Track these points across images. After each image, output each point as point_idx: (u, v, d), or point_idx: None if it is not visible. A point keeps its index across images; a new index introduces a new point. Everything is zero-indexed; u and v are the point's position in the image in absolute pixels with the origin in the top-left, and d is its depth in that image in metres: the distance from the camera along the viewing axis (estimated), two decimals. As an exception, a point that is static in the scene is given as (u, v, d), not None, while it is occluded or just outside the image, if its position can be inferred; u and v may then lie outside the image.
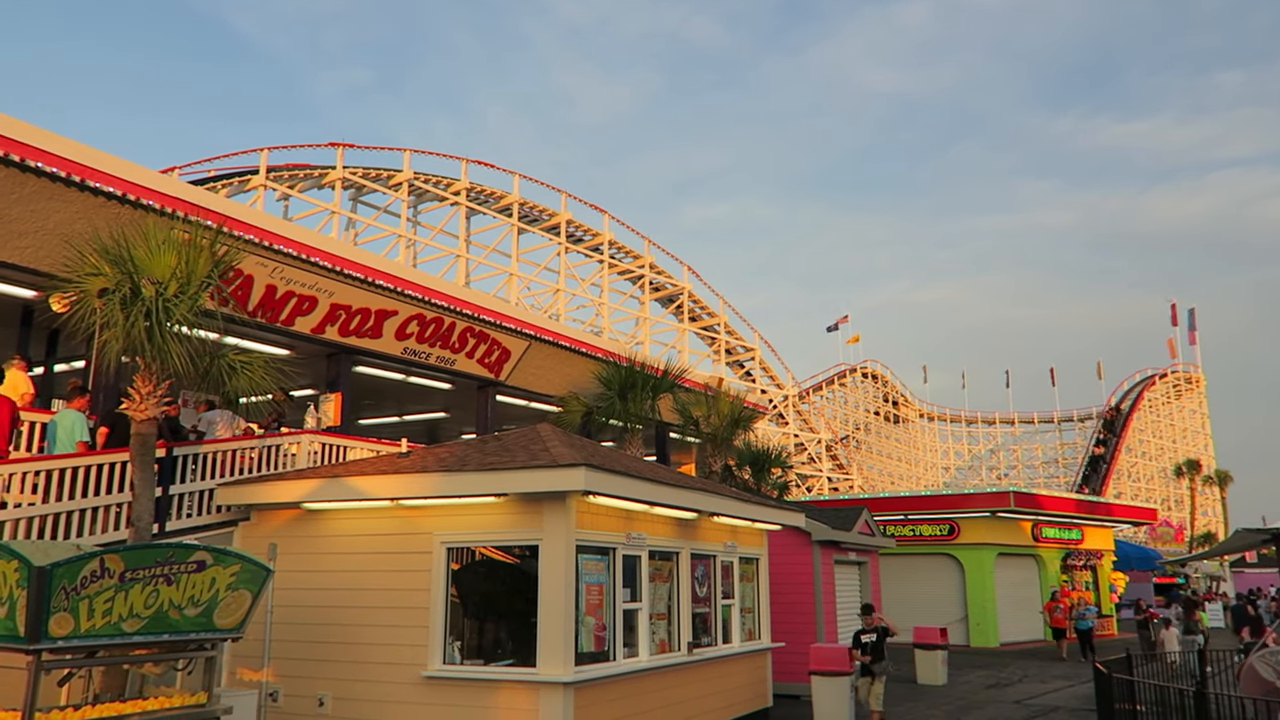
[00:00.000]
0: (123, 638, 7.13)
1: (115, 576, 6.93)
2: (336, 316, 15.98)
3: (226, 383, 10.18)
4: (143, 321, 9.08)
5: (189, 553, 7.50)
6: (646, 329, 50.72)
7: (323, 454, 13.44)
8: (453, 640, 10.20)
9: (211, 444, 12.11)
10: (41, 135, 11.45)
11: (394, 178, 40.43)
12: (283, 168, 37.43)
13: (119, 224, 10.43)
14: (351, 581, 10.71)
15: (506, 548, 10.53)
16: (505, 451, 10.80)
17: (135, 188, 12.46)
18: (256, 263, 14.04)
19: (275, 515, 11.53)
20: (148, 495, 9.41)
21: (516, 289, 43.59)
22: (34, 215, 11.53)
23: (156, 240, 9.52)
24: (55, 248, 11.52)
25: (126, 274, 9.20)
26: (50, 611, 6.53)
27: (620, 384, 19.15)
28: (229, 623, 7.87)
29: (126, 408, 9.57)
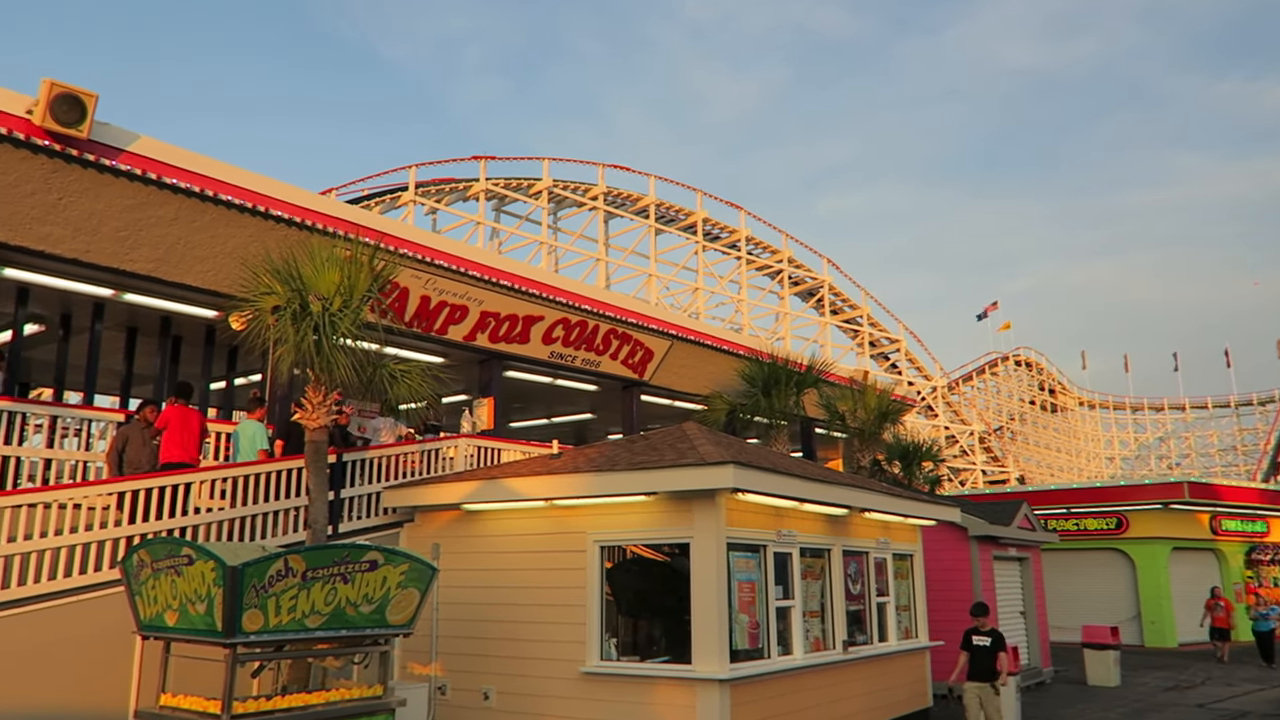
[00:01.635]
0: (306, 633, 7.61)
1: (298, 575, 7.41)
2: (486, 324, 16.54)
3: (389, 391, 10.70)
4: (311, 335, 9.63)
5: (362, 553, 7.94)
6: (787, 324, 50.19)
7: (478, 457, 13.95)
8: (609, 637, 10.39)
9: (377, 449, 12.75)
10: (220, 167, 12.34)
11: (534, 186, 41.47)
12: (429, 183, 38.95)
13: (287, 245, 11.10)
14: (510, 579, 11.08)
15: (657, 546, 10.65)
16: (653, 451, 10.93)
17: (301, 210, 13.26)
18: (411, 275, 14.70)
19: (437, 516, 12.05)
20: (322, 499, 10.00)
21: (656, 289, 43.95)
22: (213, 241, 12.44)
23: (321, 258, 10.09)
24: (232, 270, 12.38)
25: (296, 291, 9.79)
26: (243, 608, 7.04)
27: (763, 380, 19.05)
28: (400, 619, 8.28)
29: (299, 417, 10.20)
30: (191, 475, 10.53)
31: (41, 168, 10.64)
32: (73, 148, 10.73)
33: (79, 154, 10.81)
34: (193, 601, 7.30)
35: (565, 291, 17.90)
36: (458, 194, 40.22)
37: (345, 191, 36.54)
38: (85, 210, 11.14)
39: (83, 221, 11.19)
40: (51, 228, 10.97)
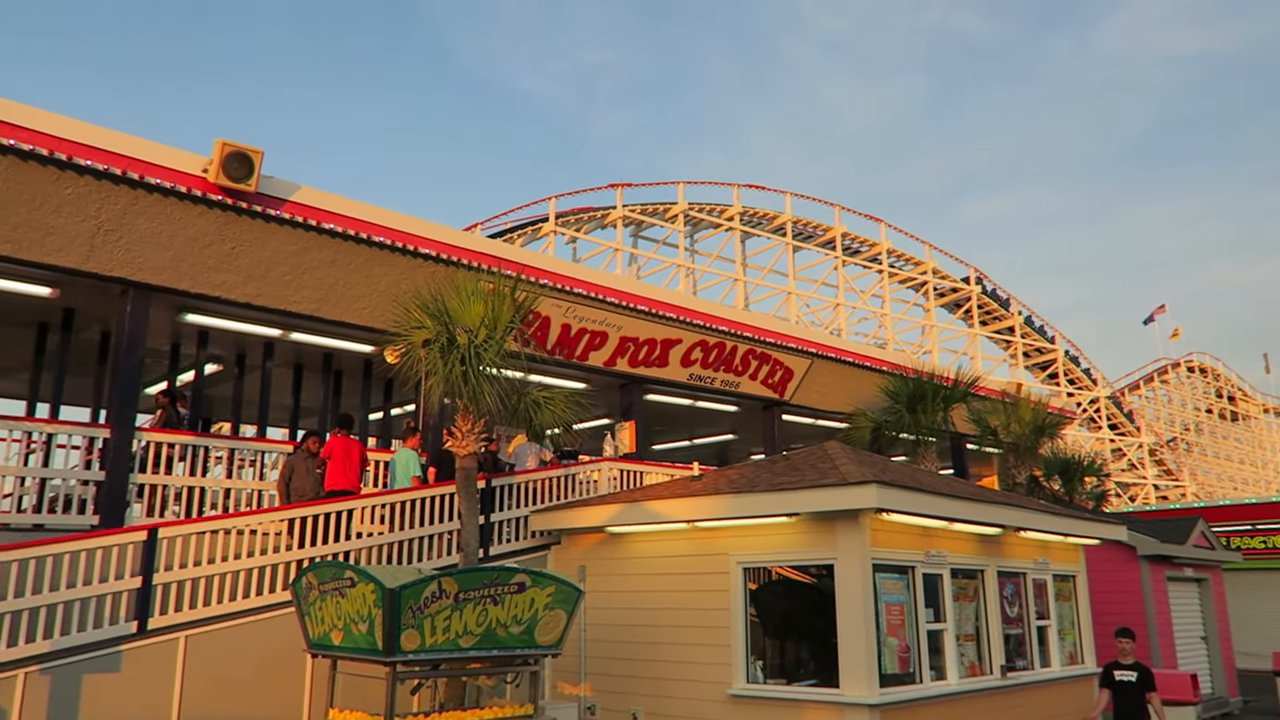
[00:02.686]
0: (459, 652, 7.93)
1: (451, 597, 7.74)
2: (626, 349, 16.82)
3: (534, 417, 11.05)
4: (459, 366, 10.05)
5: (510, 575, 8.22)
6: (934, 337, 48.73)
7: (621, 480, 14.18)
8: (755, 659, 10.34)
9: (524, 474, 13.16)
10: (372, 210, 13.10)
11: (670, 210, 41.93)
12: (569, 213, 39.97)
13: (435, 281, 11.65)
14: (655, 601, 11.19)
15: (801, 567, 10.54)
16: (794, 471, 10.85)
17: (446, 247, 13.90)
18: (552, 304, 15.14)
19: (582, 539, 12.30)
20: (473, 523, 10.39)
21: (795, 307, 43.56)
22: (368, 280, 13.19)
23: (466, 292, 10.54)
24: (386, 307, 13.08)
25: (443, 325, 10.25)
26: (401, 628, 7.41)
27: (908, 396, 18.57)
28: (548, 640, 8.51)
29: (450, 445, 10.65)
30: (353, 502, 11.16)
31: (216, 221, 11.58)
32: (242, 201, 11.63)
33: (248, 206, 11.71)
34: (355, 621, 7.73)
35: (702, 314, 18.02)
36: (596, 222, 41.09)
37: (489, 226, 37.95)
38: (254, 258, 12.04)
39: (253, 268, 12.08)
40: (226, 275, 11.90)
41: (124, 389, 11.37)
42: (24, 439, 10.79)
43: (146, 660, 9.07)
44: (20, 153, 10.02)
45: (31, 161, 10.15)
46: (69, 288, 11.53)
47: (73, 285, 11.43)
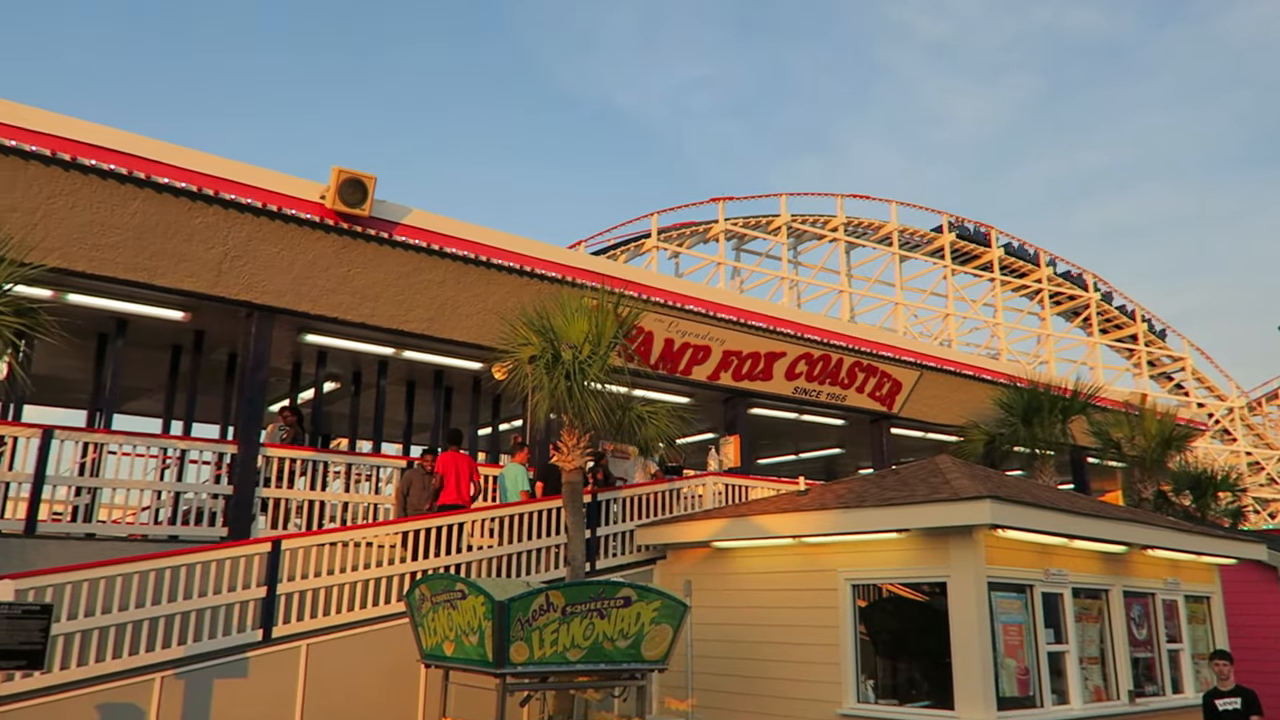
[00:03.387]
0: (567, 665, 8.01)
1: (558, 610, 7.83)
2: (729, 362, 16.77)
3: (638, 432, 11.11)
4: (564, 382, 10.20)
5: (616, 589, 8.27)
6: (1050, 346, 46.98)
7: (726, 495, 14.12)
8: (866, 678, 10.12)
9: (629, 489, 13.24)
10: (479, 231, 13.47)
11: (772, 223, 41.68)
12: (670, 228, 40.18)
13: (541, 298, 11.88)
14: (761, 617, 11.07)
15: (912, 584, 10.28)
16: (904, 486, 10.60)
17: (551, 264, 14.15)
18: (655, 319, 15.22)
19: (688, 553, 12.29)
20: (580, 537, 10.50)
21: (903, 318, 42.66)
22: (476, 299, 13.53)
23: (570, 309, 10.70)
24: (493, 325, 13.37)
25: (549, 341, 10.43)
26: (510, 640, 7.54)
27: (1023, 408, 17.92)
28: (655, 654, 8.52)
29: (556, 459, 10.80)
30: (464, 516, 11.42)
31: (333, 245, 12.08)
32: (357, 225, 12.09)
33: (362, 230, 12.17)
34: (466, 633, 7.90)
35: (806, 326, 17.82)
36: (698, 236, 41.16)
37: (592, 243, 38.45)
38: (369, 279, 12.49)
39: (367, 289, 12.54)
40: (343, 297, 12.38)
41: (250, 407, 11.94)
42: (161, 455, 11.44)
43: (271, 667, 9.46)
44: (157, 186, 10.67)
45: (166, 194, 10.79)
46: (200, 311, 12.19)
47: (203, 309, 12.08)
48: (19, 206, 9.91)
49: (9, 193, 9.85)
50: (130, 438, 11.18)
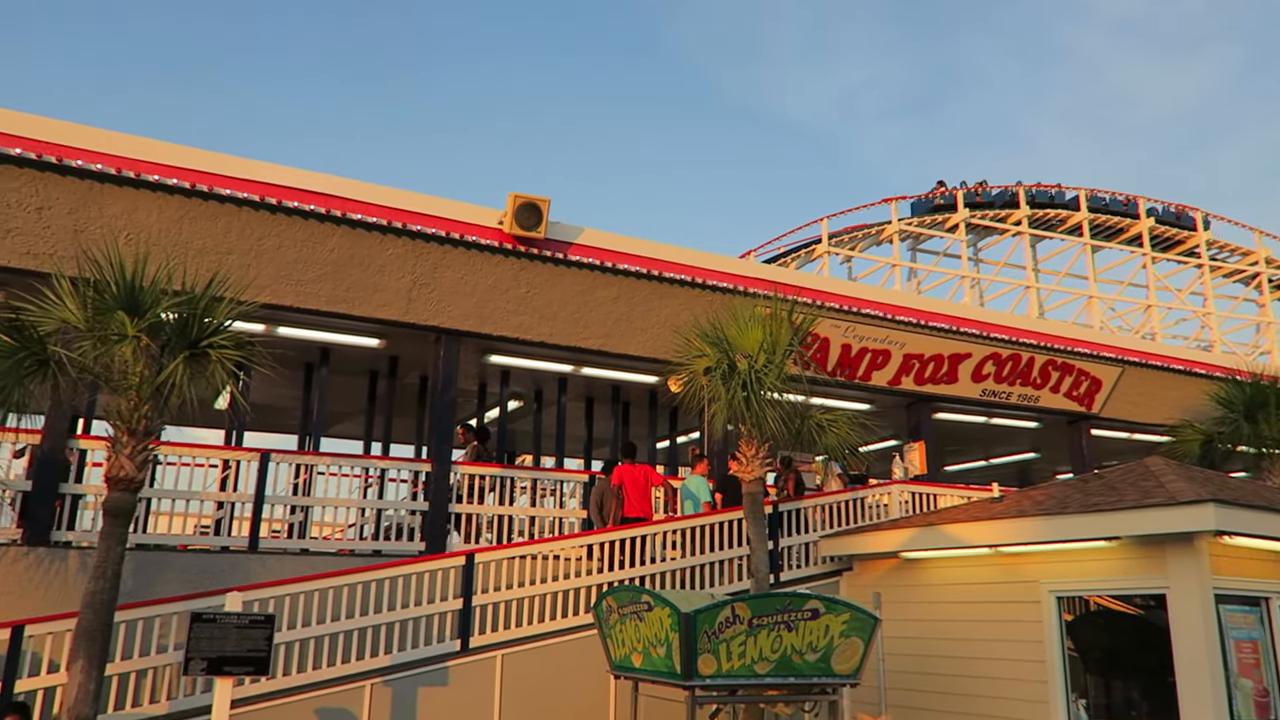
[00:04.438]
0: (755, 679, 7.90)
1: (744, 623, 7.74)
2: (910, 366, 16.21)
3: (817, 441, 10.90)
4: (740, 392, 10.13)
5: (803, 601, 8.10)
6: (1272, 335, 42.81)
7: (913, 503, 13.63)
8: (1076, 698, 9.47)
9: (809, 499, 13.00)
10: (650, 246, 13.66)
11: (948, 220, 40.10)
12: (841, 232, 39.33)
13: (713, 309, 11.88)
14: (956, 631, 10.58)
15: (1125, 597, 9.55)
16: (1110, 490, 9.88)
17: (722, 275, 14.14)
18: (830, 325, 14.92)
19: (874, 564, 11.91)
20: (762, 548, 10.38)
21: (1098, 312, 40.00)
22: (649, 313, 13.69)
23: (744, 318, 10.63)
24: (667, 338, 13.49)
25: (723, 352, 10.40)
26: (697, 652, 7.51)
27: (1245, 403, 16.36)
28: (845, 668, 8.27)
29: (735, 470, 10.73)
30: (648, 528, 11.53)
31: (512, 268, 12.53)
32: (533, 247, 12.50)
33: (538, 252, 12.57)
34: (654, 645, 7.94)
35: (991, 325, 16.99)
36: (870, 239, 40.13)
37: (761, 252, 38.18)
38: (546, 299, 12.88)
39: (545, 309, 12.93)
40: (523, 318, 12.82)
41: (440, 427, 12.52)
42: (363, 475, 12.18)
43: (469, 676, 9.86)
44: (351, 222, 11.41)
45: (359, 229, 11.52)
46: (393, 338, 12.92)
47: (395, 335, 12.79)
48: (235, 249, 10.83)
49: (226, 237, 10.79)
50: (336, 459, 11.99)
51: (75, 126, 10.16)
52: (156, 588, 9.59)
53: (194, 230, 10.61)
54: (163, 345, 7.87)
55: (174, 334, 7.92)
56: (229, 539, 11.11)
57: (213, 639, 7.59)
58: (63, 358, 7.61)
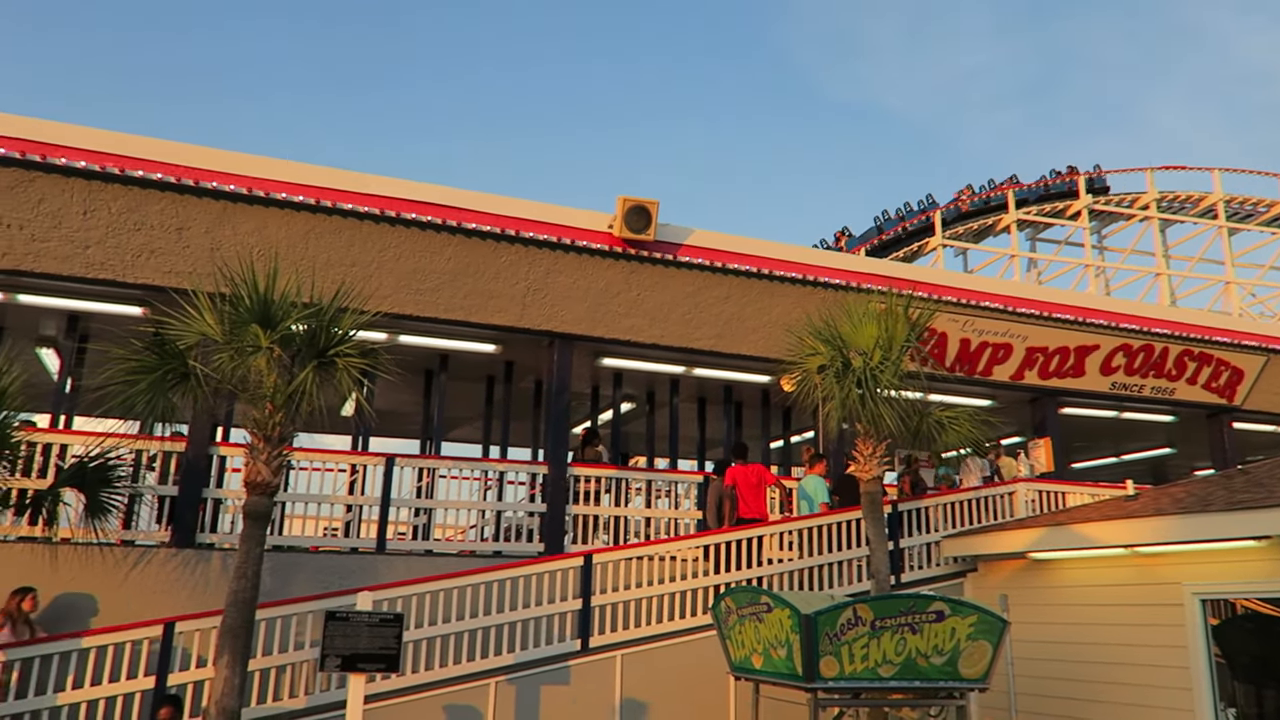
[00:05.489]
0: (879, 682, 7.74)
1: (866, 625, 7.60)
2: (1034, 360, 15.62)
3: (936, 439, 10.60)
4: (855, 390, 9.94)
5: (927, 603, 7.89)
6: None
7: (1040, 501, 13.12)
8: (1225, 708, 8.95)
9: (930, 498, 12.67)
10: (759, 244, 13.58)
11: (1070, 207, 38.51)
12: (955, 222, 38.27)
13: (825, 306, 11.68)
14: (1089, 635, 10.13)
15: (1276, 600, 8.97)
16: (1258, 487, 9.30)
17: (833, 271, 13.94)
18: (947, 319, 14.51)
19: (1000, 566, 11.52)
20: (882, 549, 10.16)
21: (1236, 298, 37.76)
22: (760, 313, 13.59)
23: (857, 315, 10.42)
24: (779, 337, 13.35)
25: (837, 349, 10.22)
26: (819, 654, 7.41)
27: None
28: (973, 673, 8.02)
29: (853, 469, 10.54)
30: (762, 529, 11.45)
31: (622, 271, 12.63)
32: (643, 250, 12.57)
33: (648, 254, 12.63)
34: (774, 646, 7.87)
35: (1121, 314, 16.23)
36: (986, 229, 38.89)
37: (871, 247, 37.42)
38: (657, 301, 12.93)
39: (656, 311, 12.98)
40: (634, 320, 12.90)
41: (556, 429, 12.72)
42: (482, 478, 12.48)
43: (590, 675, 9.98)
44: (467, 231, 11.71)
45: (474, 238, 11.81)
46: (508, 344, 13.20)
47: (511, 341, 13.06)
48: (358, 261, 11.26)
49: (349, 249, 11.22)
50: (457, 462, 12.31)
51: (210, 150, 10.74)
52: (292, 587, 10.04)
53: (320, 244, 11.07)
54: (293, 355, 8.23)
55: (303, 344, 8.27)
56: (358, 540, 11.55)
57: (346, 637, 7.89)
58: (203, 370, 8.05)
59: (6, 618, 8.87)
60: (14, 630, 8.79)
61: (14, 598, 9.00)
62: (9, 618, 8.87)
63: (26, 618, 9.01)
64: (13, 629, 8.81)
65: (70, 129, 10.22)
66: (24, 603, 9.02)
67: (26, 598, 9.05)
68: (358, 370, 8.35)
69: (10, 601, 8.98)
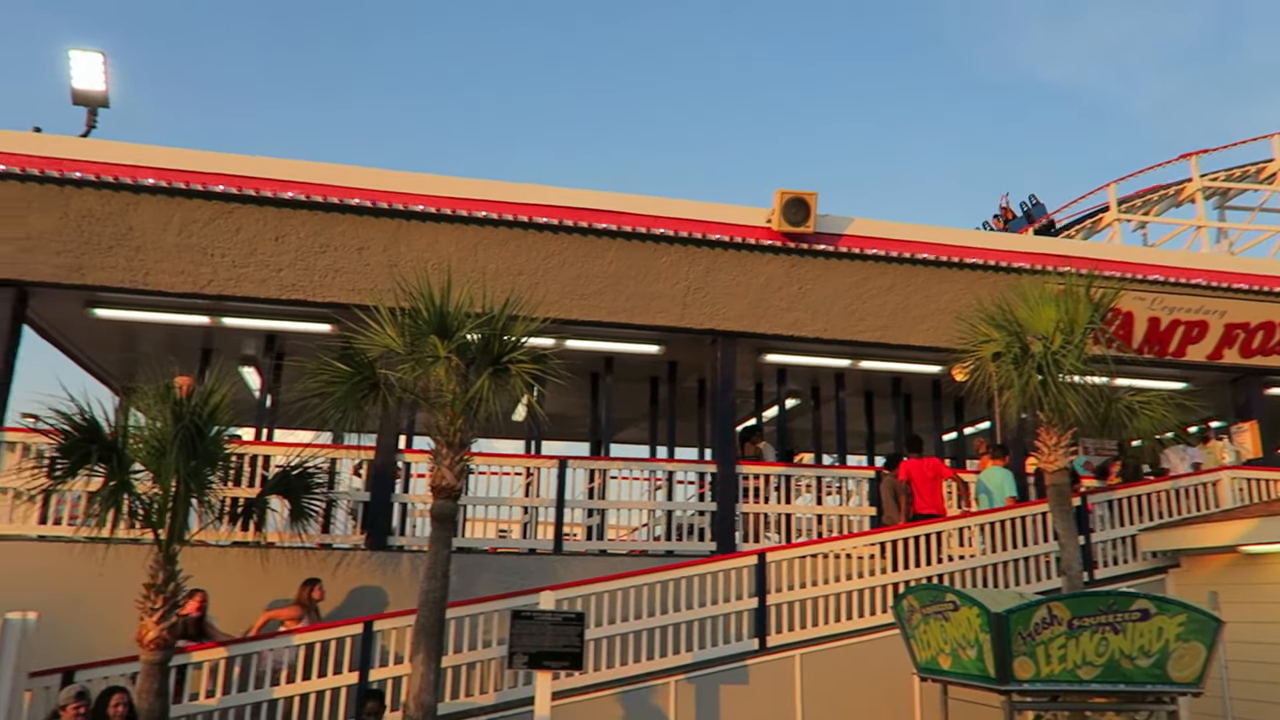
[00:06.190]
0: (1079, 684, 7.33)
1: (1063, 624, 7.22)
2: (1233, 337, 14.44)
3: (1127, 425, 9.97)
4: (1035, 377, 9.49)
5: (1129, 601, 7.43)
6: None
7: (1249, 490, 12.12)
8: None
9: (1123, 489, 11.94)
10: (922, 230, 13.11)
11: (1264, 170, 35.39)
12: (1132, 196, 35.81)
13: (997, 290, 11.22)
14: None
15: None
16: None
17: (1004, 254, 13.31)
18: (1133, 298, 13.62)
19: (1206, 560, 10.72)
20: (1072, 544, 9.62)
21: None
22: (927, 301, 13.14)
23: (1034, 297, 9.95)
24: (948, 325, 12.87)
25: (1013, 335, 9.78)
26: (1013, 655, 7.10)
27: None
28: (1184, 676, 7.49)
29: (1035, 460, 10.04)
30: (942, 524, 11.07)
31: (783, 265, 12.49)
32: (803, 242, 12.39)
33: (808, 247, 12.44)
34: (962, 646, 7.59)
35: (1336, 283, 14.78)
36: (1168, 200, 36.22)
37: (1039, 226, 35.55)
38: (819, 294, 12.72)
39: (818, 304, 12.77)
40: (797, 314, 12.74)
41: (723, 427, 12.71)
42: (651, 478, 12.61)
43: (768, 675, 9.91)
44: (627, 235, 11.87)
45: (634, 240, 11.96)
46: (670, 343, 13.28)
47: (673, 341, 13.14)
48: (524, 269, 11.60)
49: (516, 259, 11.59)
50: (627, 463, 12.49)
51: (386, 172, 11.31)
52: (476, 587, 10.44)
53: (488, 255, 11.47)
54: (468, 363, 8.57)
55: (478, 352, 8.60)
56: (535, 541, 11.89)
57: (531, 635, 8.15)
58: (390, 380, 8.49)
59: (300, 606, 9.65)
60: (307, 617, 9.59)
61: (304, 588, 9.81)
62: (302, 606, 9.67)
63: (314, 606, 9.80)
64: (308, 617, 9.61)
65: (262, 161, 10.98)
66: (313, 592, 9.81)
67: (315, 587, 9.84)
68: (529, 375, 8.61)
69: (302, 592, 9.80)
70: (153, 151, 10.69)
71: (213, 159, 10.80)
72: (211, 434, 8.31)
